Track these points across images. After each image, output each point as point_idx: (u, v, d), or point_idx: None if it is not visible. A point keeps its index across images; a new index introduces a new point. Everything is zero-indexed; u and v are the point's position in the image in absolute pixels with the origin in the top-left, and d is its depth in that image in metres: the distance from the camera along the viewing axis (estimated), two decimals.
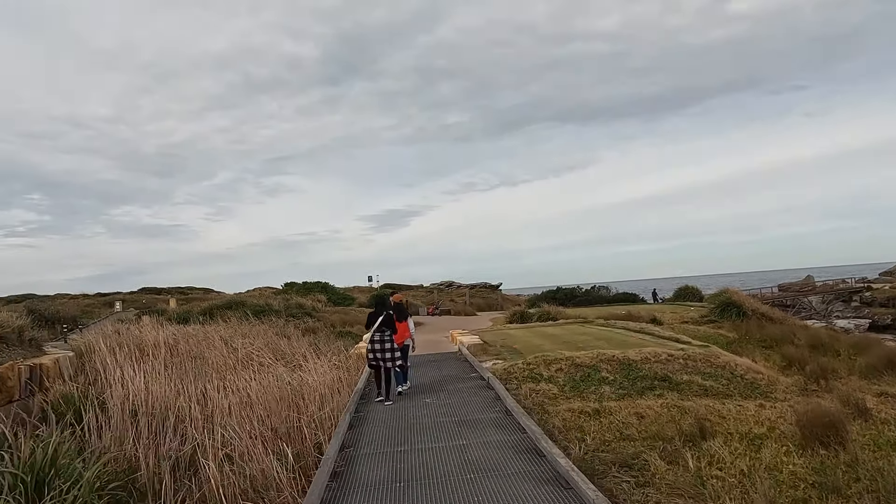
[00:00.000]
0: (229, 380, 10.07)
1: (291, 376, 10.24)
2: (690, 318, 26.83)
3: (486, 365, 12.82)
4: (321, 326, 26.11)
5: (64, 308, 44.87)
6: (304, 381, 9.73)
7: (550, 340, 16.72)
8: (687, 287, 38.89)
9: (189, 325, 25.56)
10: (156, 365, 10.37)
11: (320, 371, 11.26)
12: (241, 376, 10.38)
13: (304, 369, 11.61)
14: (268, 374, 10.54)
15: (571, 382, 11.23)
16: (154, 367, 10.26)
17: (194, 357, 12.47)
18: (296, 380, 9.95)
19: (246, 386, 9.45)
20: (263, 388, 9.21)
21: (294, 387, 9.41)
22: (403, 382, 10.43)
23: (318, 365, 12.14)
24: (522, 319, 26.73)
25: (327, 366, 12.10)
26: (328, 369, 11.67)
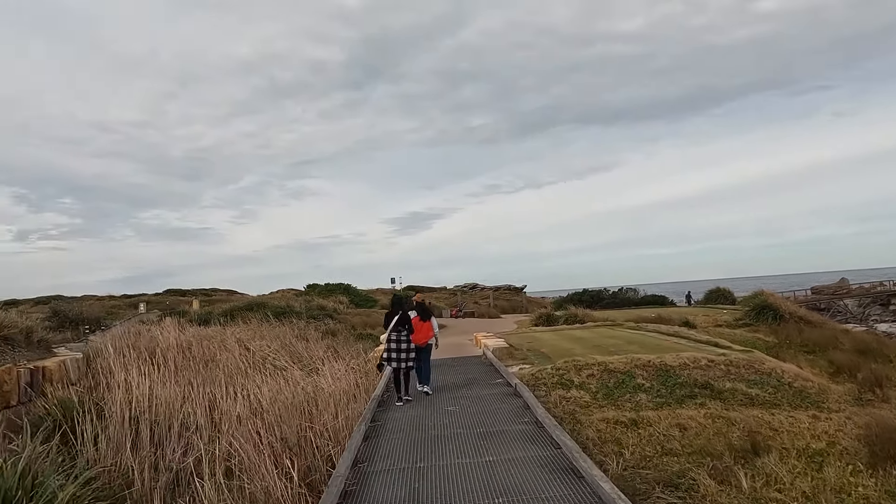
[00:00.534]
0: (241, 384, 9.48)
1: (306, 381, 9.62)
2: (724, 322, 25.76)
3: (512, 370, 12.11)
4: (342, 328, 25.56)
5: (89, 309, 45.05)
6: (318, 386, 9.11)
7: (579, 344, 15.92)
8: (718, 289, 37.66)
9: (209, 326, 25.26)
10: (164, 369, 9.83)
11: (337, 375, 10.66)
12: (254, 381, 9.79)
13: (321, 373, 11.02)
14: (281, 379, 9.93)
15: (604, 390, 10.47)
16: (162, 371, 9.72)
17: (207, 360, 11.94)
18: (310, 385, 9.32)
19: (257, 391, 8.83)
20: (275, 394, 8.59)
21: (308, 393, 8.78)
22: (426, 383, 10.29)
23: (336, 369, 11.55)
24: (548, 322, 25.90)
25: (345, 369, 11.49)
26: (346, 373, 11.05)
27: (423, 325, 10.20)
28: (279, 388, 9.00)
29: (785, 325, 24.04)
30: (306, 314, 27.20)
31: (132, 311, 46.46)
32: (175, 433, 7.50)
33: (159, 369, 9.86)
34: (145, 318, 34.95)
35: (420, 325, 10.16)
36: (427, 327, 10.31)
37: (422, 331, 10.16)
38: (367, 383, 10.76)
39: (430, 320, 10.48)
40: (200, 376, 10.10)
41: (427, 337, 10.32)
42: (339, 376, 10.79)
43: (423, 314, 10.38)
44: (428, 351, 10.49)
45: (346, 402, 8.97)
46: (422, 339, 10.18)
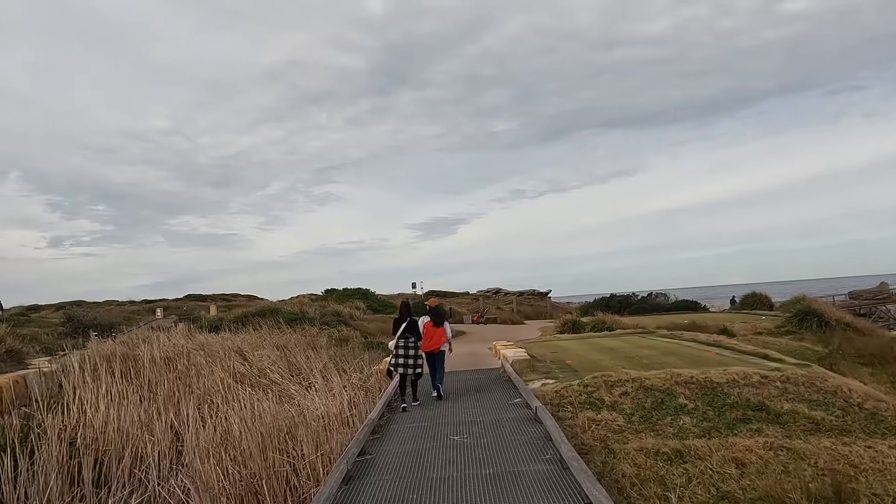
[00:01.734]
0: (220, 405, 8.17)
1: (293, 401, 8.29)
2: (764, 329, 23.94)
3: (533, 385, 10.68)
4: (355, 336, 24.28)
5: (104, 315, 44.54)
6: (304, 409, 7.76)
7: (609, 355, 14.40)
8: (755, 294, 35.59)
9: (220, 332, 24.20)
10: (134, 386, 8.58)
11: (333, 392, 9.33)
12: (236, 400, 8.48)
13: (314, 390, 9.70)
14: (266, 398, 8.62)
15: (641, 411, 9.00)
16: (132, 389, 8.46)
17: (192, 375, 10.69)
18: (296, 406, 7.98)
19: (231, 415, 7.52)
20: (254, 417, 7.27)
21: (291, 416, 7.44)
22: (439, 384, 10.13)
23: (333, 384, 10.23)
24: (574, 329, 24.34)
25: (342, 385, 10.16)
26: (342, 390, 9.72)
27: (435, 331, 9.98)
28: (260, 410, 7.67)
29: (832, 332, 22.20)
30: (319, 320, 25.97)
31: (149, 317, 45.80)
32: (125, 468, 6.21)
33: (130, 387, 8.62)
34: (160, 324, 34.04)
35: (433, 331, 9.95)
36: (440, 333, 10.06)
37: (434, 336, 9.94)
38: (366, 401, 9.40)
39: (443, 325, 10.20)
40: (174, 395, 8.84)
41: (440, 342, 10.07)
42: (335, 393, 9.46)
43: (437, 319, 10.11)
44: (441, 356, 10.27)
45: (336, 427, 7.61)
46: (435, 345, 9.97)
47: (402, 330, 9.52)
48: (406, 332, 9.54)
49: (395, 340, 9.56)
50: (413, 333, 9.62)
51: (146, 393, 8.71)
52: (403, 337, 9.52)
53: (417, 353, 9.58)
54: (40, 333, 31.44)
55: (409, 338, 9.54)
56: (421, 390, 9.91)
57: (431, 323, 10.03)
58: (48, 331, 36.35)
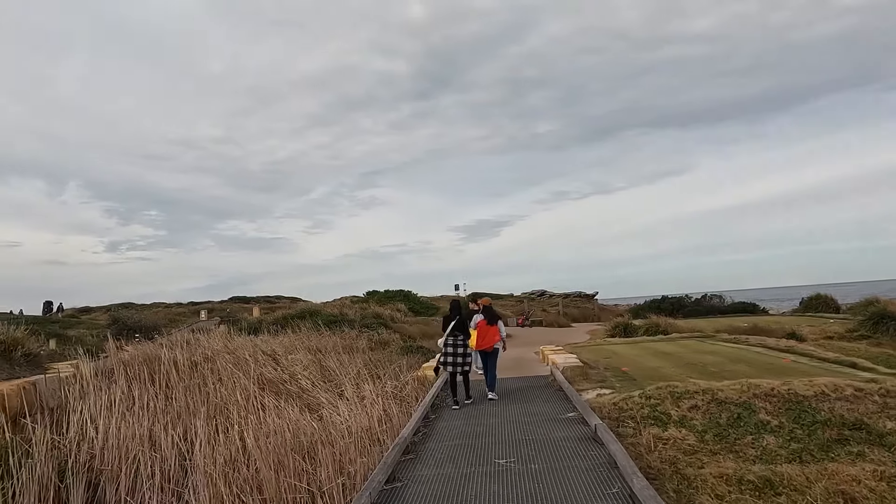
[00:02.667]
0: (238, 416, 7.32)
1: (317, 413, 7.39)
2: (835, 333, 22.13)
3: (587, 395, 9.56)
4: (395, 339, 23.43)
5: (149, 317, 44.95)
6: (329, 422, 6.84)
7: (668, 361, 13.13)
8: (819, 296, 33.42)
9: (258, 335, 23.72)
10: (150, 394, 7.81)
11: (363, 403, 8.41)
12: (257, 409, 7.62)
13: (345, 399, 8.81)
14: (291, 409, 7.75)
15: (715, 428, 7.80)
16: (145, 399, 7.69)
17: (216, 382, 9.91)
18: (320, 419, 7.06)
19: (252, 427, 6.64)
20: (267, 434, 6.37)
21: (312, 432, 6.52)
22: (492, 389, 9.99)
23: (366, 393, 9.31)
24: (626, 333, 22.97)
25: (375, 394, 9.24)
26: (374, 401, 8.79)
27: (489, 329, 9.97)
28: (280, 424, 6.77)
29: None
30: (359, 323, 25.23)
31: (193, 319, 46.04)
32: (122, 492, 5.38)
33: (145, 396, 7.87)
34: (204, 327, 33.91)
35: (486, 329, 9.95)
36: (494, 331, 10.05)
37: (488, 334, 9.93)
38: (402, 413, 8.43)
39: (497, 324, 10.20)
40: (190, 406, 8.04)
41: (494, 341, 10.03)
42: (367, 403, 8.54)
43: (491, 318, 10.11)
44: (495, 355, 10.18)
45: (366, 443, 6.67)
46: (489, 343, 9.95)
47: (452, 328, 9.50)
48: (455, 330, 9.52)
49: (444, 338, 9.59)
50: (462, 331, 9.61)
51: (161, 403, 7.94)
52: (452, 335, 9.51)
53: (466, 350, 9.57)
54: (86, 335, 31.74)
55: (457, 335, 9.53)
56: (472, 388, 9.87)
57: (485, 321, 10.03)
58: (95, 332, 36.85)
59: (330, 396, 9.84)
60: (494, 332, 10.13)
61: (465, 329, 9.76)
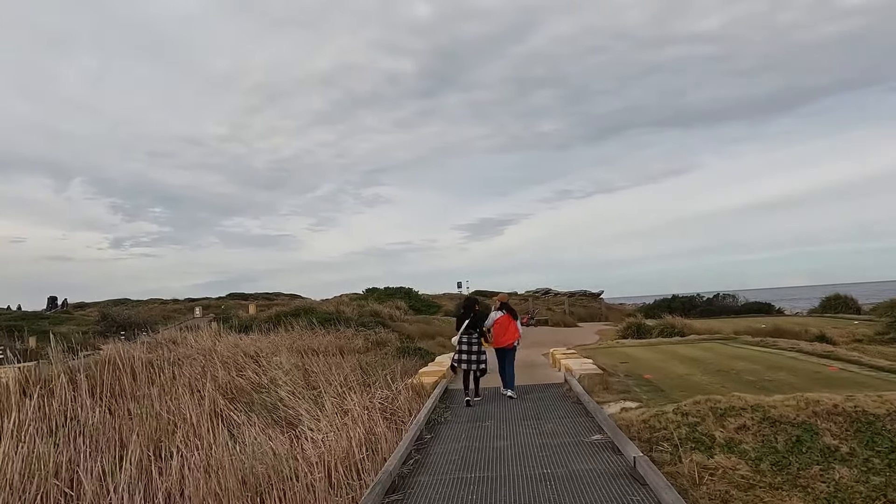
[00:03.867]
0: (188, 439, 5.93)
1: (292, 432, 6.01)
2: (864, 336, 20.70)
3: (610, 409, 8.16)
4: (393, 339, 22.04)
5: (142, 314, 43.69)
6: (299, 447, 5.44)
7: (697, 368, 11.71)
8: (838, 296, 31.95)
9: (249, 333, 22.41)
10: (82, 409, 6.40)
11: (345, 420, 7.03)
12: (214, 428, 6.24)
13: (326, 413, 7.43)
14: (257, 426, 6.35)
15: (772, 455, 6.40)
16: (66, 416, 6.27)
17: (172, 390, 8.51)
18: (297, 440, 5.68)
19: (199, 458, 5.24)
20: (219, 465, 4.96)
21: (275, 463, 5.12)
22: (511, 387, 9.73)
23: (351, 405, 7.94)
24: (639, 333, 21.56)
25: (362, 406, 7.85)
26: (361, 414, 7.39)
27: (510, 325, 9.76)
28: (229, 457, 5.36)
29: None
30: (356, 321, 23.84)
31: (188, 316, 44.72)
32: None
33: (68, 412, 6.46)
34: (196, 324, 32.59)
35: (507, 325, 9.74)
36: (515, 327, 9.82)
37: (509, 331, 9.72)
38: (391, 431, 7.03)
39: (515, 321, 9.94)
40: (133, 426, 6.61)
41: (514, 338, 9.80)
42: (352, 418, 7.15)
43: (512, 313, 9.92)
44: (513, 353, 9.94)
45: (341, 477, 5.27)
46: (509, 340, 9.74)
47: (466, 326, 9.36)
48: (470, 328, 9.39)
49: (459, 336, 9.45)
50: (477, 329, 9.48)
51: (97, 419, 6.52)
52: (467, 333, 9.39)
53: (481, 348, 9.45)
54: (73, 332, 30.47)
55: (472, 333, 9.41)
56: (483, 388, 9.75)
57: (508, 316, 9.83)
58: (86, 328, 35.57)
59: (311, 408, 8.46)
60: (514, 329, 9.83)
61: (481, 327, 9.63)
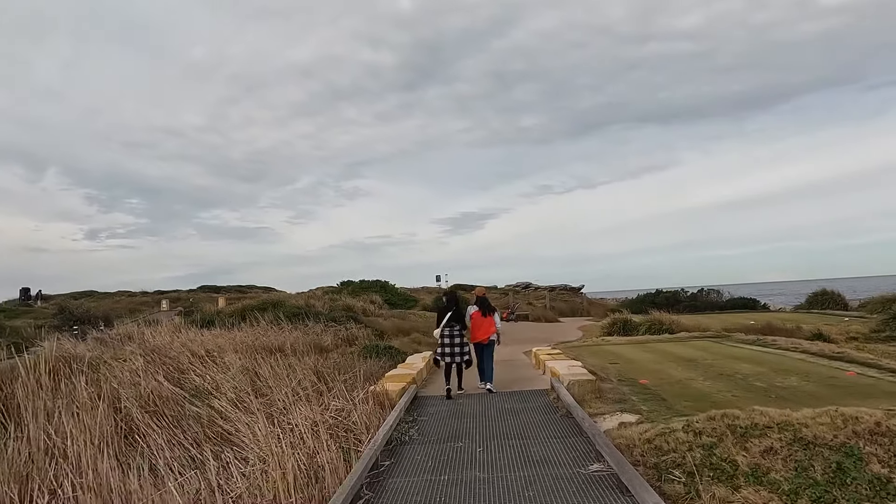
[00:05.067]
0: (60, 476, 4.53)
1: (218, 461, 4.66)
2: (860, 333, 19.75)
3: (605, 424, 6.93)
4: (365, 335, 20.66)
5: (104, 307, 41.77)
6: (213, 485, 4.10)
7: (696, 371, 10.53)
8: (825, 292, 31.18)
9: (212, 328, 20.90)
10: None
11: (282, 444, 5.68)
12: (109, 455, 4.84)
13: (272, 428, 6.09)
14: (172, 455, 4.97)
15: (811, 489, 5.19)
16: None
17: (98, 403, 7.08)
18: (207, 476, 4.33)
19: None
20: None
21: None
22: (489, 380, 9.65)
23: (301, 419, 6.60)
24: (625, 330, 20.43)
25: (314, 421, 6.53)
26: (306, 432, 6.06)
27: (484, 321, 9.68)
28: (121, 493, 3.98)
29: None
30: (326, 316, 22.41)
31: (154, 309, 42.86)
32: None
33: None
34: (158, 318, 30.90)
35: (481, 321, 9.68)
36: (489, 322, 9.71)
37: (483, 326, 9.66)
38: (340, 460, 5.69)
39: (492, 315, 9.81)
40: None
41: (489, 333, 9.70)
42: (290, 441, 5.80)
43: (485, 309, 9.79)
44: (491, 347, 9.84)
45: None
46: (484, 335, 9.66)
47: (448, 319, 9.35)
48: (452, 321, 9.37)
49: (441, 329, 9.40)
50: (459, 322, 9.45)
51: None
52: (449, 326, 9.36)
53: (463, 341, 9.44)
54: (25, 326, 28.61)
55: (454, 326, 9.39)
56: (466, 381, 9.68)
57: (480, 313, 9.69)
58: (43, 322, 33.65)
59: (255, 421, 7.09)
60: (490, 323, 9.68)
61: (463, 320, 9.57)
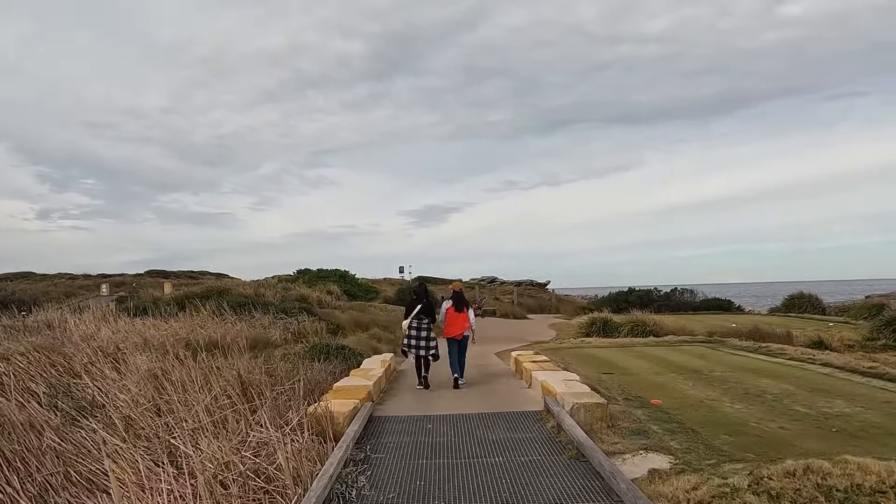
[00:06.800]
0: None
1: None
2: (854, 341, 18.36)
3: (629, 468, 5.02)
4: (320, 329, 18.49)
5: (37, 289, 38.53)
6: None
7: (715, 389, 8.72)
8: (803, 295, 30.05)
9: (145, 317, 18.46)
10: None
11: None
12: None
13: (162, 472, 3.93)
14: None
15: None
16: None
17: None
18: None
19: None
20: None
21: None
22: (461, 376, 9.42)
23: (204, 457, 4.49)
24: (605, 331, 18.68)
25: (227, 458, 4.40)
26: (207, 482, 3.93)
27: (458, 316, 9.44)
28: None
29: None
30: (276, 307, 20.12)
31: (93, 293, 39.70)
32: None
33: None
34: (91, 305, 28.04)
35: (455, 316, 9.43)
36: (463, 318, 9.44)
37: (457, 322, 9.40)
38: None
39: (465, 311, 9.52)
40: None
41: (463, 329, 9.40)
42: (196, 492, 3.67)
43: (459, 304, 9.51)
44: (465, 343, 9.55)
45: None
46: (457, 331, 9.38)
47: (417, 311, 9.27)
48: (420, 314, 9.29)
49: (409, 321, 9.36)
50: (428, 316, 9.35)
51: None
52: (417, 318, 9.31)
53: (430, 335, 9.32)
54: None
55: (422, 319, 9.32)
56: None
57: (453, 308, 9.48)
58: None
59: (135, 460, 5.00)
60: (464, 318, 9.44)
61: (432, 313, 9.43)
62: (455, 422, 6.85)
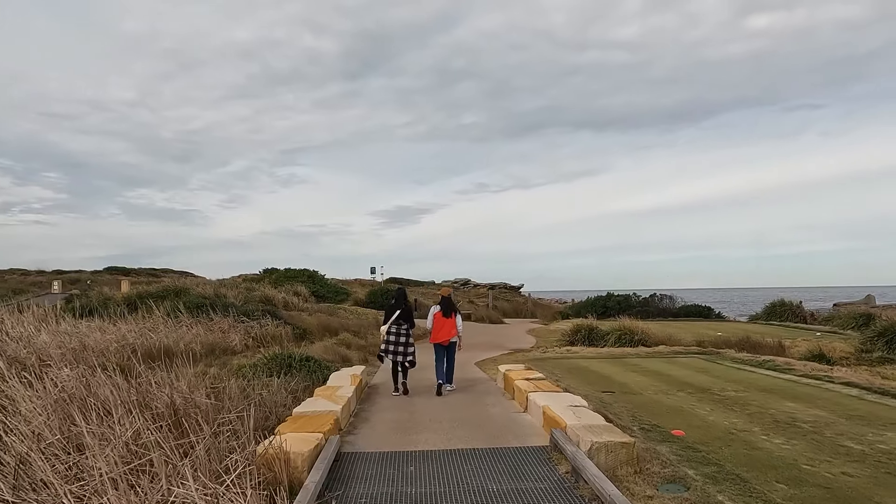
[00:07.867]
0: None
1: None
2: (848, 353, 17.51)
3: None
4: (285, 334, 17.02)
5: None
6: None
7: (736, 414, 7.57)
8: (784, 303, 29.37)
9: (91, 319, 16.81)
10: None
11: None
12: None
13: None
14: None
15: None
16: None
17: None
18: None
19: None
20: None
21: None
22: (450, 382, 9.47)
23: None
24: (590, 339, 17.54)
25: None
26: None
27: (445, 322, 9.32)
28: None
29: None
30: (238, 308, 18.56)
31: (44, 290, 37.45)
32: None
33: None
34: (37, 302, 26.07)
35: (443, 322, 9.31)
36: (450, 324, 9.32)
37: (444, 328, 9.28)
38: None
39: (453, 316, 9.40)
40: None
41: (450, 335, 9.31)
42: None
43: (447, 309, 9.39)
44: (452, 349, 9.48)
45: None
46: (444, 337, 9.28)
47: (396, 316, 9.14)
48: (399, 319, 9.16)
49: (387, 326, 9.21)
50: (407, 321, 9.25)
51: None
52: (396, 323, 9.16)
53: (409, 340, 9.20)
54: None
55: (401, 324, 9.18)
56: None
57: (441, 313, 9.32)
58: None
59: None
60: (451, 325, 9.33)
61: (411, 319, 9.38)
62: (443, 461, 5.54)
